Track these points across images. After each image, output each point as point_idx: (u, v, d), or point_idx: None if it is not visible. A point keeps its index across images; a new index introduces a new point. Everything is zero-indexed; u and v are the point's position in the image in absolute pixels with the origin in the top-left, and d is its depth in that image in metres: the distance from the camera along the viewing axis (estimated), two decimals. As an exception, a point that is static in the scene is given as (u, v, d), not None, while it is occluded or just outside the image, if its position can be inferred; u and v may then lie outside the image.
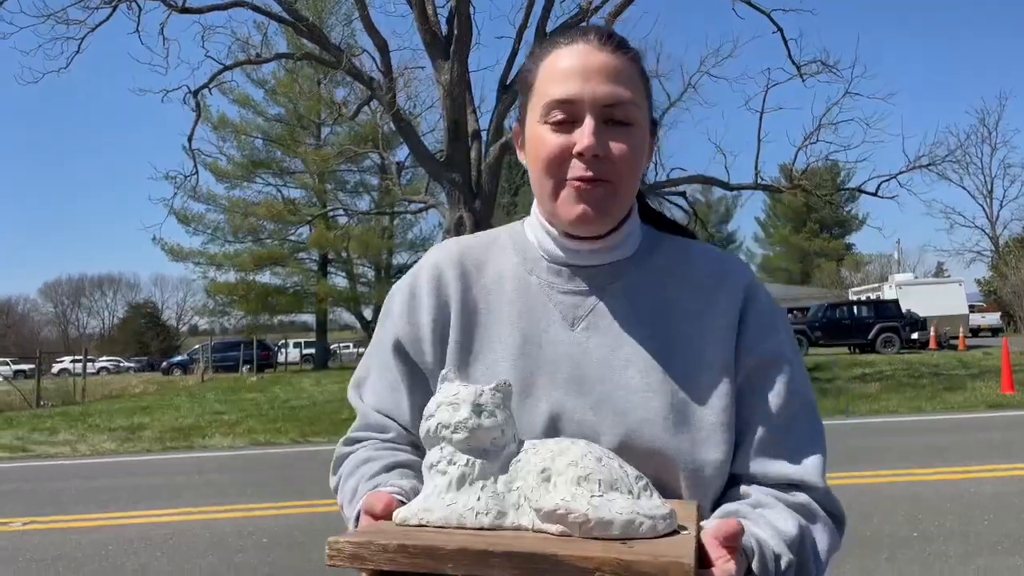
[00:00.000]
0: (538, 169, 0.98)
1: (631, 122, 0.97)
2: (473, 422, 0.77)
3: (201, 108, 16.10)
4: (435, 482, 0.77)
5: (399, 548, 0.68)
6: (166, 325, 67.67)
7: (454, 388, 0.80)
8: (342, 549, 0.69)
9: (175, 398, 19.44)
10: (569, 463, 0.76)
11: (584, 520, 0.71)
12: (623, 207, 1.00)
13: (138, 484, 7.83)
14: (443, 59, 13.62)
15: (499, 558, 0.66)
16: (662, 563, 0.65)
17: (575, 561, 0.66)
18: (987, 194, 49.05)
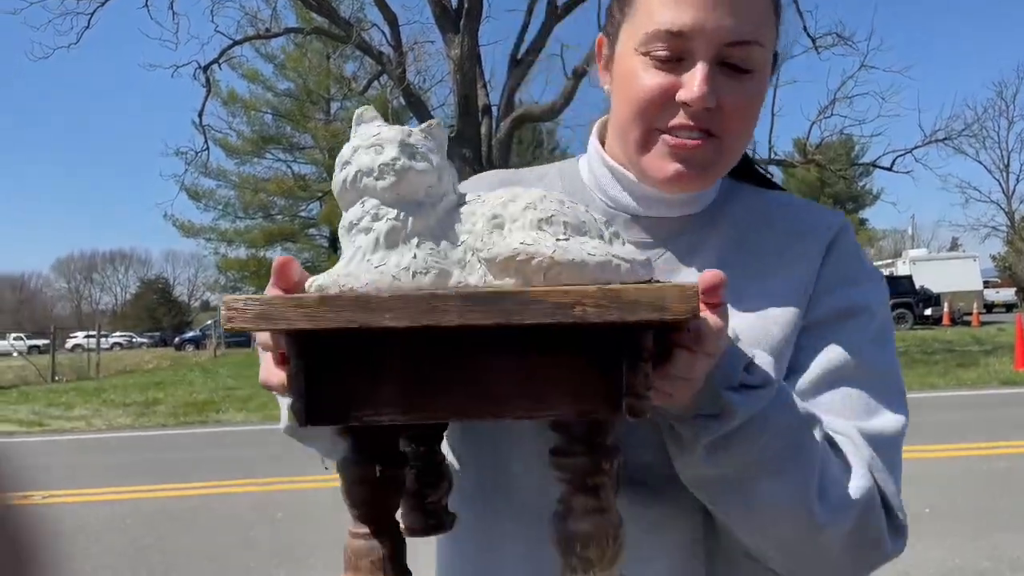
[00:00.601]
0: (628, 110, 0.80)
1: (754, 67, 0.78)
2: (403, 163, 0.61)
3: (211, 83, 16.05)
4: (357, 242, 0.61)
5: (322, 301, 0.53)
6: (178, 301, 68.09)
7: (374, 128, 0.64)
8: (244, 308, 0.53)
9: (188, 373, 19.59)
10: (526, 206, 0.62)
11: (550, 264, 0.57)
12: (729, 167, 0.84)
13: (154, 458, 7.91)
14: (453, 33, 13.50)
15: (453, 301, 0.52)
16: (656, 288, 0.53)
17: (551, 296, 0.52)
18: (1003, 168, 48.46)
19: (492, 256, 0.59)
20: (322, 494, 5.86)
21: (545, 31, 14.51)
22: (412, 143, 0.63)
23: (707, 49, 0.76)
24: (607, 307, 0.52)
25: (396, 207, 0.61)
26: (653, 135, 0.80)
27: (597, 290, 0.52)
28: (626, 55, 0.81)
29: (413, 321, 0.52)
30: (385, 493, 0.63)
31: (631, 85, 0.79)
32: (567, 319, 0.52)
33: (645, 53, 0.78)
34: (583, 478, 0.58)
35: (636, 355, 0.55)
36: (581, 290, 0.52)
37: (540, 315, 0.52)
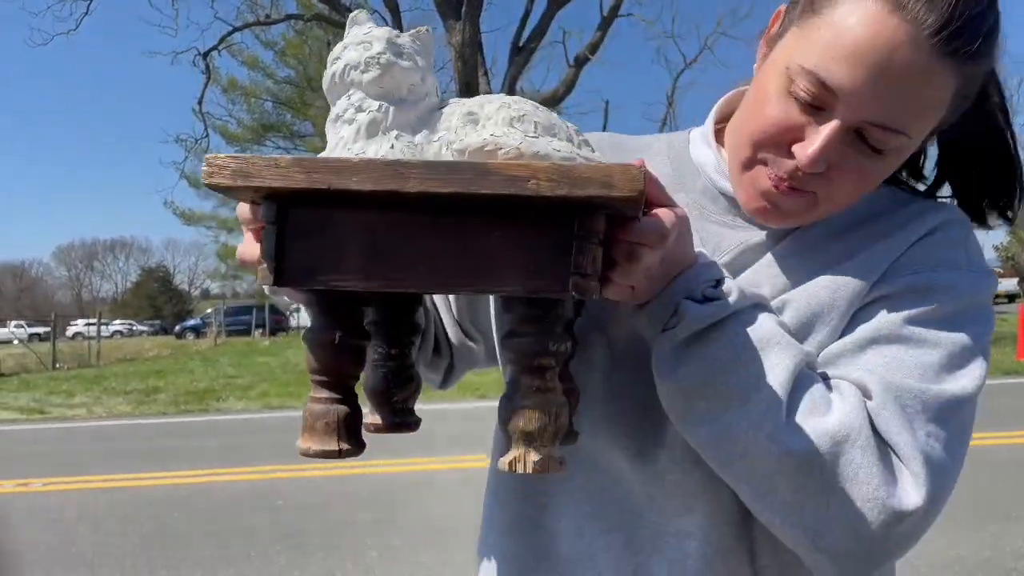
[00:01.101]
0: (745, 126, 0.76)
1: (886, 150, 0.71)
2: (387, 58, 0.64)
3: (210, 70, 16.01)
4: (341, 133, 0.65)
5: (295, 163, 0.56)
6: (178, 289, 68.20)
7: (365, 28, 0.67)
8: (224, 164, 0.57)
9: (189, 361, 19.60)
10: (500, 106, 0.64)
11: (516, 156, 0.60)
12: (818, 219, 0.79)
13: (155, 446, 7.92)
14: (455, 19, 13.43)
15: (416, 169, 0.55)
16: (606, 167, 0.55)
17: (508, 169, 0.54)
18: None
19: (463, 147, 0.62)
20: (322, 482, 5.86)
21: (547, 18, 14.43)
22: (399, 42, 0.66)
23: (847, 115, 0.69)
24: (558, 182, 0.54)
25: (379, 100, 0.64)
26: (756, 163, 0.76)
27: (550, 166, 0.55)
28: (778, 64, 0.73)
29: (376, 185, 0.55)
30: (344, 360, 0.65)
31: (761, 107, 0.74)
32: (521, 191, 0.54)
33: (789, 86, 0.71)
34: (530, 359, 0.60)
35: (586, 236, 0.57)
36: (536, 165, 0.55)
37: (496, 186, 0.54)
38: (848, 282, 0.76)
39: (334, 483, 5.79)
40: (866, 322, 0.75)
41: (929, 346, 0.73)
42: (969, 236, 0.80)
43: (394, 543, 4.38)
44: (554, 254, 0.57)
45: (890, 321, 0.74)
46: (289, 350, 21.86)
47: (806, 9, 0.72)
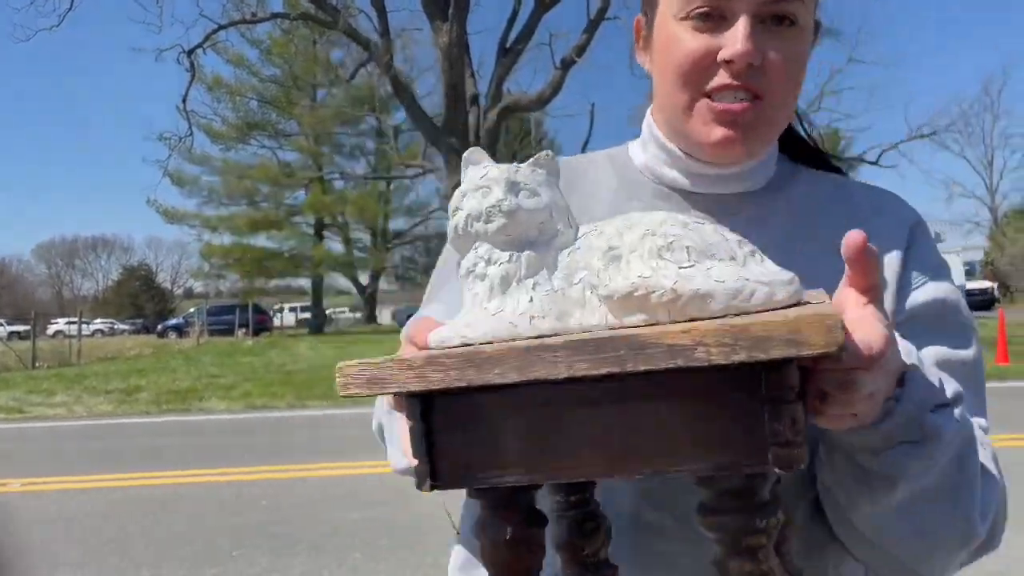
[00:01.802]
0: (670, 78, 0.78)
1: (797, 21, 0.75)
2: (510, 203, 0.58)
3: (195, 68, 15.90)
4: (474, 290, 0.59)
5: (428, 361, 0.52)
6: (161, 288, 67.63)
7: (481, 170, 0.61)
8: (356, 374, 0.54)
9: (171, 361, 19.46)
10: (643, 233, 0.57)
11: (672, 297, 0.52)
12: (777, 132, 0.82)
13: (136, 446, 7.85)
14: (442, 21, 13.42)
15: (561, 352, 0.49)
16: (792, 320, 0.45)
17: (666, 338, 0.47)
18: (987, 165, 48.93)
19: (609, 293, 0.55)
20: (305, 483, 5.83)
21: (534, 20, 14.46)
22: (519, 180, 0.60)
23: (747, 5, 0.74)
24: (733, 346, 0.45)
25: (508, 249, 0.59)
26: (699, 100, 0.77)
27: (719, 328, 0.46)
28: (665, 25, 0.79)
29: (521, 375, 0.50)
30: (520, 555, 0.58)
31: (672, 51, 0.77)
32: (688, 363, 0.47)
33: (685, 17, 0.76)
34: (737, 539, 0.51)
35: (778, 398, 0.48)
36: (702, 328, 0.47)
37: (656, 360, 0.47)
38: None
39: (319, 484, 5.76)
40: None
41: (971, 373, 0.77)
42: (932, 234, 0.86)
43: (380, 543, 4.37)
44: (743, 422, 0.49)
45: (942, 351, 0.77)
46: (272, 350, 21.75)
47: None
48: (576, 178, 0.89)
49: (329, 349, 20.68)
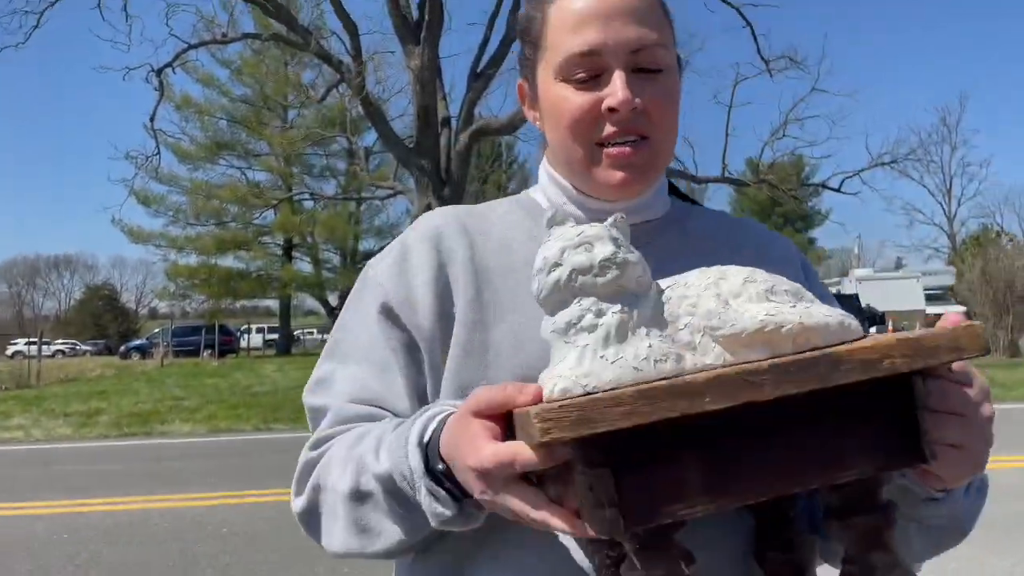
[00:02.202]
0: (564, 134, 0.86)
1: (663, 67, 0.85)
2: (621, 257, 0.62)
3: (164, 87, 15.77)
4: (582, 341, 0.61)
5: (639, 395, 0.52)
6: (125, 308, 66.41)
7: (573, 229, 0.64)
8: (561, 416, 0.52)
9: (133, 382, 19.09)
10: (744, 281, 0.64)
11: (800, 330, 0.59)
12: (664, 166, 0.90)
13: (95, 470, 7.68)
14: (414, 44, 13.49)
15: (767, 374, 0.53)
16: (951, 330, 0.56)
17: (858, 354, 0.54)
18: (946, 192, 50.10)
19: (737, 331, 0.60)
20: (268, 509, 5.74)
21: (505, 45, 14.57)
22: (617, 236, 0.64)
23: (618, 59, 0.83)
24: (913, 356, 0.54)
25: (616, 301, 0.61)
26: (595, 150, 0.85)
27: (900, 342, 0.54)
28: (548, 87, 0.87)
29: (732, 400, 0.53)
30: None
31: (560, 110, 0.85)
32: (879, 373, 0.54)
33: (565, 80, 0.84)
34: (878, 534, 0.60)
35: (924, 404, 0.58)
36: (886, 343, 0.54)
37: (853, 374, 0.54)
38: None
39: (282, 510, 5.67)
40: None
41: None
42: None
43: (343, 570, 4.31)
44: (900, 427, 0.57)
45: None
46: (238, 372, 21.44)
47: (530, 41, 0.90)
48: (488, 226, 0.94)
49: (296, 371, 20.45)
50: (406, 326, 0.87)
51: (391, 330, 0.87)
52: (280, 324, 38.69)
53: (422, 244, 0.91)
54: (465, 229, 0.92)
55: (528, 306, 0.80)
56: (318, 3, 16.72)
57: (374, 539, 0.79)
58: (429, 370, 0.86)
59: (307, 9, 18.46)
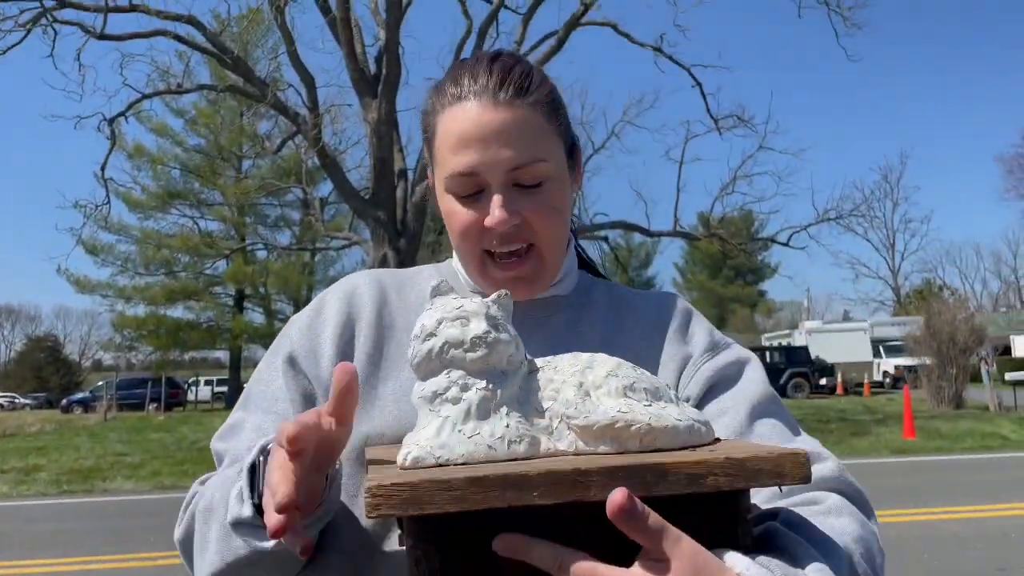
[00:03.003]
0: (455, 238, 0.93)
1: (542, 180, 0.89)
2: (493, 336, 0.64)
3: (116, 136, 15.60)
4: (444, 412, 0.63)
5: (469, 482, 0.53)
6: (68, 360, 64.43)
7: (454, 302, 0.67)
8: (390, 494, 0.53)
9: (75, 438, 18.43)
10: (607, 374, 0.66)
11: (647, 431, 0.62)
12: (555, 267, 0.95)
13: (32, 530, 7.36)
14: (371, 97, 13.61)
15: (596, 476, 0.55)
16: (776, 456, 0.57)
17: (685, 468, 0.56)
18: (889, 247, 51.80)
19: (588, 424, 0.62)
20: (216, 568, 5.55)
21: (462, 100, 14.78)
22: (494, 315, 0.67)
23: (496, 179, 0.87)
24: (735, 476, 0.56)
25: (484, 378, 0.64)
26: (483, 256, 0.92)
27: (725, 460, 0.56)
28: (440, 194, 0.93)
29: (560, 498, 0.54)
30: None
31: (450, 220, 0.92)
32: (701, 489, 0.56)
33: (451, 192, 0.90)
34: None
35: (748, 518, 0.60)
36: (712, 461, 0.56)
37: (676, 486, 0.56)
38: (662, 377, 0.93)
39: (229, 569, 5.49)
40: (730, 398, 0.91)
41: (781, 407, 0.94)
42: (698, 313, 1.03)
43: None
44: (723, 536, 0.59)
45: (750, 395, 0.92)
46: (185, 426, 20.87)
47: (429, 149, 0.95)
48: (406, 287, 1.01)
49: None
50: (307, 376, 0.92)
51: (293, 380, 0.92)
52: (230, 376, 37.86)
53: (336, 301, 0.97)
54: (381, 288, 0.99)
55: None
56: (275, 56, 16.82)
57: (204, 557, 0.79)
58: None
59: (264, 61, 18.58)
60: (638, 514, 0.55)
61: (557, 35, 14.74)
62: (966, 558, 5.14)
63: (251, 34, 16.65)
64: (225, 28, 15.60)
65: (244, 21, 16.20)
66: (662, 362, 0.95)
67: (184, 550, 0.87)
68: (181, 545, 0.87)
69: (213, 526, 0.79)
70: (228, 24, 15.51)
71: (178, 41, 14.27)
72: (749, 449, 0.60)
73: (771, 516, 0.75)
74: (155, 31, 14.07)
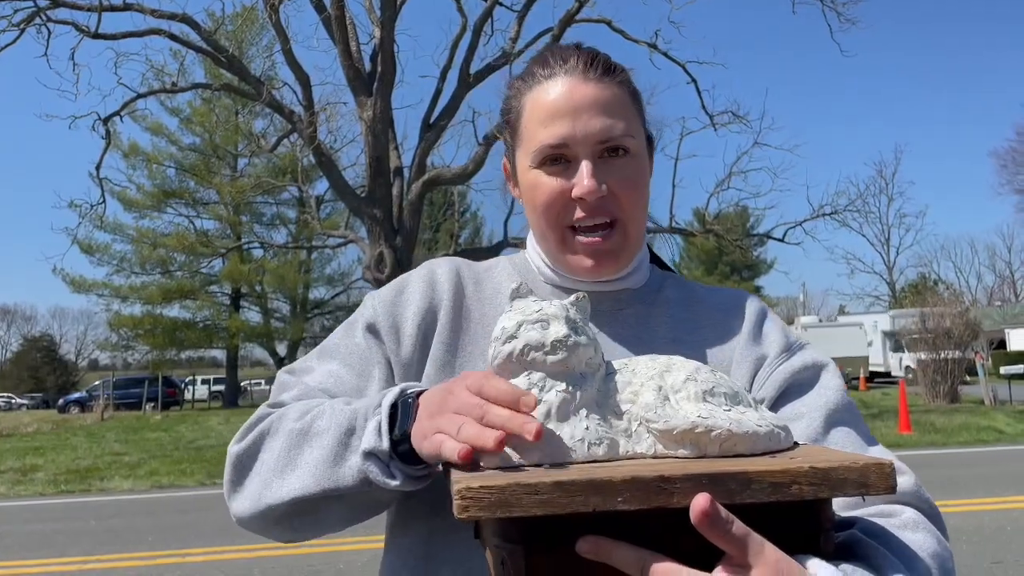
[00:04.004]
0: (537, 216, 0.94)
1: (629, 155, 0.91)
2: (574, 340, 0.65)
3: (111, 136, 15.57)
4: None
5: (556, 486, 0.54)
6: (64, 360, 64.30)
7: (533, 304, 0.68)
8: (479, 496, 0.54)
9: (72, 437, 18.40)
10: (686, 378, 0.67)
11: (727, 436, 0.62)
12: (636, 246, 0.96)
13: (30, 530, 7.35)
14: (366, 95, 13.60)
15: (680, 483, 0.55)
16: (862, 465, 0.57)
17: (769, 476, 0.56)
18: (884, 242, 51.88)
19: (668, 428, 0.63)
20: (212, 569, 5.55)
21: (457, 98, 14.80)
22: (574, 318, 0.67)
23: (586, 149, 0.89)
24: (819, 485, 0.56)
25: (563, 380, 0.64)
26: (567, 234, 0.92)
27: (809, 470, 0.56)
28: (524, 171, 0.94)
29: (644, 504, 0.55)
30: None
31: (535, 195, 0.92)
32: (784, 498, 0.56)
33: (538, 167, 0.91)
34: None
35: (830, 526, 0.60)
36: (795, 470, 0.56)
37: (760, 494, 0.56)
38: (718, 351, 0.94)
39: (228, 569, 5.50)
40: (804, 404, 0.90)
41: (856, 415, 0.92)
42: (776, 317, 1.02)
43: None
44: (805, 544, 0.59)
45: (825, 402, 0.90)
46: (182, 425, 20.86)
47: (511, 128, 0.97)
48: (482, 278, 1.02)
49: (243, 423, 19.92)
50: (388, 348, 0.94)
51: (376, 346, 0.94)
52: (227, 375, 37.82)
53: (419, 283, 0.99)
54: (460, 279, 1.00)
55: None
56: (270, 54, 16.82)
57: (285, 478, 0.80)
58: None
59: (259, 60, 18.55)
60: (722, 520, 0.55)
61: (552, 32, 14.73)
62: (961, 552, 5.16)
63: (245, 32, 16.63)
64: (219, 26, 15.59)
65: (238, 19, 16.20)
66: (735, 362, 0.94)
67: (240, 466, 0.87)
68: (238, 460, 0.87)
69: (313, 451, 0.79)
70: (222, 22, 15.51)
71: (172, 40, 14.24)
72: (834, 458, 0.60)
73: (848, 525, 0.75)
74: (149, 30, 14.04)
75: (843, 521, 0.75)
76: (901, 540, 0.73)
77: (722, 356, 0.94)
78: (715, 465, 0.58)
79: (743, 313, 0.99)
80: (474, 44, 14.65)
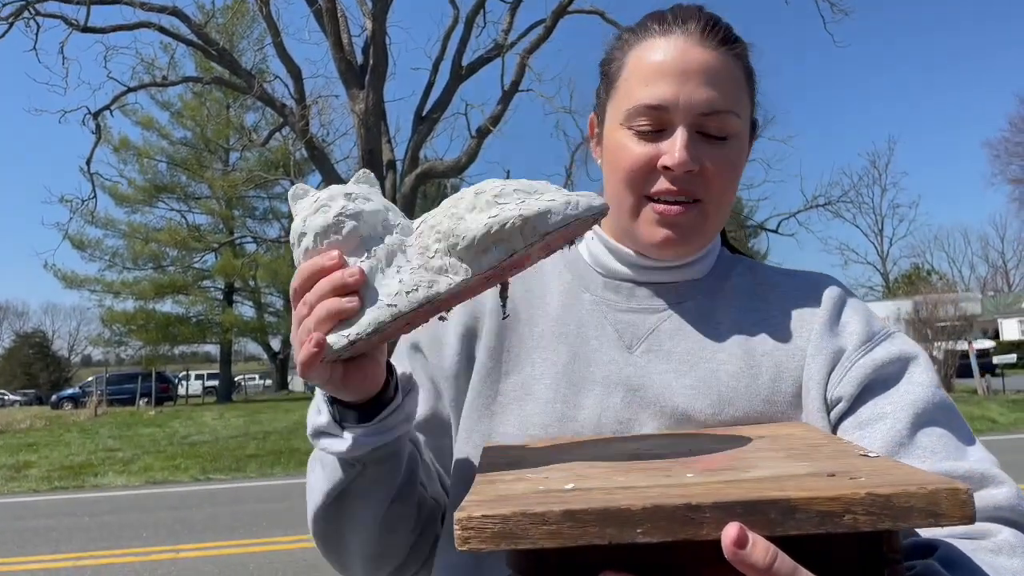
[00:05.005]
0: (616, 180, 0.86)
1: (729, 134, 0.84)
2: (352, 208, 0.64)
3: (101, 130, 15.49)
4: None
5: (566, 515, 0.48)
6: (57, 356, 64.14)
7: (310, 198, 0.67)
8: (481, 526, 0.49)
9: (65, 434, 18.34)
10: (476, 193, 0.64)
11: (522, 223, 0.59)
12: (714, 232, 0.88)
13: (24, 527, 7.32)
14: (358, 88, 13.54)
15: (710, 512, 0.48)
16: (930, 491, 0.47)
17: (816, 504, 0.47)
18: (878, 232, 52.02)
19: (468, 242, 0.61)
20: (206, 564, 5.54)
21: (450, 90, 14.76)
22: (352, 191, 0.66)
23: (684, 119, 0.82)
24: (878, 515, 0.47)
25: (363, 251, 0.64)
26: (642, 202, 0.85)
27: (866, 496, 0.47)
28: (613, 130, 0.87)
29: (667, 536, 0.48)
30: None
31: (619, 156, 0.85)
32: (836, 529, 0.48)
33: (629, 127, 0.84)
34: None
35: (896, 559, 0.51)
36: (849, 497, 0.48)
37: (807, 525, 0.48)
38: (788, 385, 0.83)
39: (222, 564, 5.48)
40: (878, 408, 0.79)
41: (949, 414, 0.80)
42: (856, 298, 0.91)
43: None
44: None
45: (912, 400, 0.79)
46: (176, 420, 20.82)
47: (607, 80, 0.90)
48: (529, 278, 0.94)
49: (237, 418, 19.92)
50: (430, 363, 0.91)
51: (420, 367, 0.91)
52: (220, 370, 37.76)
53: None
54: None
55: (541, 361, 0.86)
56: (260, 47, 16.73)
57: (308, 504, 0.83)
58: (452, 406, 0.90)
59: (249, 53, 18.45)
60: (758, 554, 0.48)
61: (544, 23, 14.69)
62: (957, 540, 5.19)
63: (236, 25, 16.53)
64: (210, 19, 15.50)
65: (229, 12, 16.11)
66: (809, 354, 0.84)
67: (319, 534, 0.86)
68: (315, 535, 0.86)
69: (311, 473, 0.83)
70: (213, 15, 15.42)
71: (162, 33, 14.16)
72: (898, 480, 0.50)
73: (928, 547, 0.67)
74: (139, 23, 13.95)
75: (922, 545, 0.67)
76: (988, 570, 0.64)
77: (795, 350, 0.85)
78: (753, 491, 0.50)
79: (819, 299, 0.88)
80: (466, 36, 14.61)
